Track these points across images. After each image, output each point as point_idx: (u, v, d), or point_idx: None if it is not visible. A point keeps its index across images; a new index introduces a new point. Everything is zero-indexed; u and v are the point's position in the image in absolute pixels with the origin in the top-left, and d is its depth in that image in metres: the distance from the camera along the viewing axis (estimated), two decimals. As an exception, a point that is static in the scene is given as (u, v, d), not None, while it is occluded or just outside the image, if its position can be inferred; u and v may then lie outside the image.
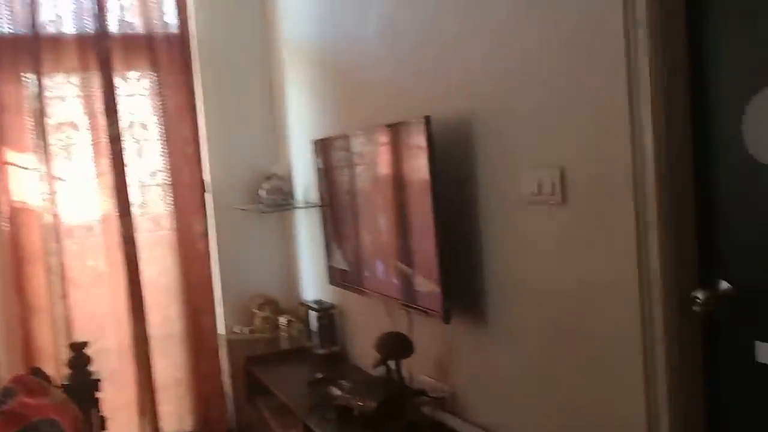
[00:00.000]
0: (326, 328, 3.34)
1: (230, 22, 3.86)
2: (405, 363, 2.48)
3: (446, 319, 2.21)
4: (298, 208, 3.63)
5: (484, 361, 2.24)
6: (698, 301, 1.49)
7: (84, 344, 3.13)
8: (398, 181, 2.38)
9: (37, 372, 3.01)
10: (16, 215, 3.47)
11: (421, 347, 2.48)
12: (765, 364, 1.44)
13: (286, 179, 3.73)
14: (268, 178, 3.79)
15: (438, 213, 2.15)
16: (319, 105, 3.35)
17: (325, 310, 3.34)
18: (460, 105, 2.19)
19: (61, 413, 2.66)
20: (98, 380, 3.07)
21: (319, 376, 3.02)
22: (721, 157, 1.48)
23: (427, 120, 2.13)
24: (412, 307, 2.41)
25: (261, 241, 3.97)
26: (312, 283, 3.70)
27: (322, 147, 3.05)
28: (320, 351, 3.33)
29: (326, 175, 3.06)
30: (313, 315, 3.43)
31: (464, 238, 2.23)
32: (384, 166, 2.49)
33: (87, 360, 3.13)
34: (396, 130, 2.35)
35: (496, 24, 2.00)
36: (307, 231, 3.71)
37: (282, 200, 3.62)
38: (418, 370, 2.55)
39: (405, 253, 2.40)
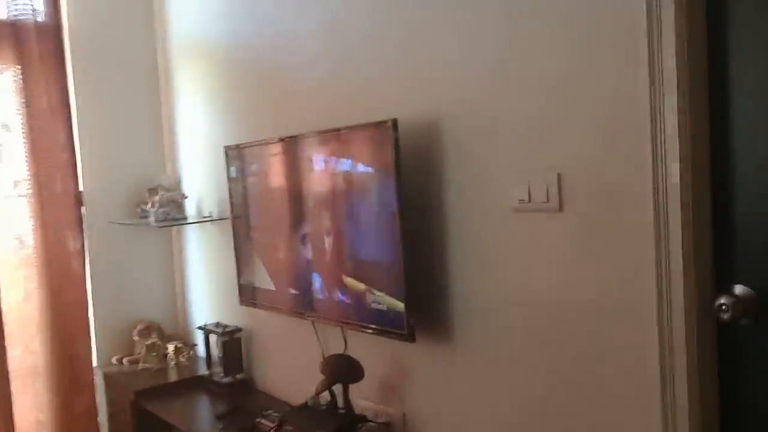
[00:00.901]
0: (231, 354, 3.03)
1: (109, 13, 3.45)
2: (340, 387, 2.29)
3: (410, 338, 2.06)
4: (195, 222, 3.28)
5: (448, 383, 2.11)
6: (724, 308, 1.47)
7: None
8: (351, 189, 2.20)
9: None
10: None
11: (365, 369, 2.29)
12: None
13: (176, 190, 3.37)
14: (153, 189, 3.41)
15: (404, 223, 2.00)
16: (230, 109, 3.06)
17: (230, 334, 3.03)
18: (425, 107, 2.05)
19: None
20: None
21: (226, 408, 2.75)
22: (735, 158, 1.48)
23: (395, 123, 1.98)
24: (363, 327, 2.23)
25: (143, 260, 3.55)
26: (208, 305, 3.37)
27: (239, 154, 2.78)
28: (225, 379, 3.01)
29: (244, 184, 2.78)
30: (214, 340, 3.10)
31: (430, 250, 2.09)
32: (330, 173, 2.29)
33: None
34: (350, 133, 2.17)
35: (472, 15, 1.90)
36: (203, 248, 3.38)
37: (176, 214, 3.26)
38: (356, 394, 2.35)
39: (357, 267, 2.21)
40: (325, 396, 2.30)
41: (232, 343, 3.03)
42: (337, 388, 2.28)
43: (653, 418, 1.57)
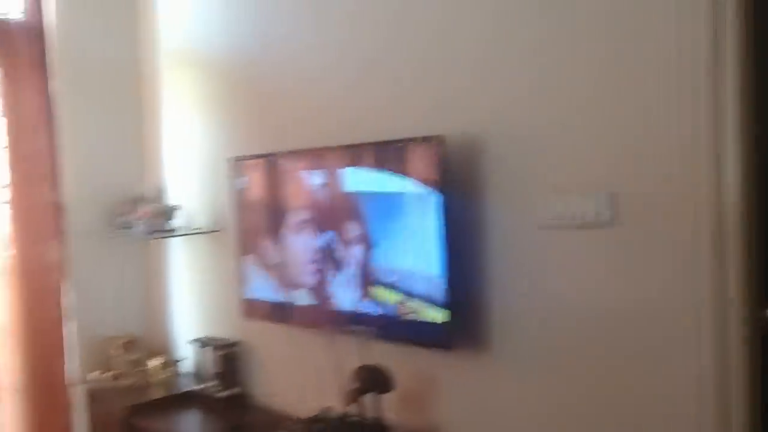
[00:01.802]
0: (229, 368, 2.99)
1: (95, 19, 3.36)
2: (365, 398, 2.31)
3: (448, 348, 2.12)
4: (186, 234, 3.22)
5: (483, 393, 2.17)
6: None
7: None
8: (387, 202, 2.24)
9: None
10: None
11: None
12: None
13: (160, 201, 3.30)
14: (136, 199, 3.33)
15: (446, 235, 2.07)
16: (226, 120, 3.03)
17: (229, 347, 2.99)
18: (465, 120, 2.13)
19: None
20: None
21: (226, 423, 2.73)
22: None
23: (442, 138, 2.06)
24: (391, 337, 2.27)
25: (124, 273, 3.45)
26: (196, 319, 3.30)
27: (249, 166, 2.76)
28: (221, 394, 2.96)
29: (252, 195, 2.76)
30: (209, 354, 3.04)
31: (470, 262, 2.15)
32: (360, 184, 2.32)
33: None
34: (389, 147, 2.22)
35: (513, 24, 2.00)
36: (191, 260, 3.31)
37: (164, 225, 3.18)
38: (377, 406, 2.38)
39: (389, 278, 2.26)
40: (330, 410, 2.32)
41: (230, 356, 2.99)
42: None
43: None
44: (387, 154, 2.24)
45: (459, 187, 2.13)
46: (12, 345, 3.13)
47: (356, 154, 2.34)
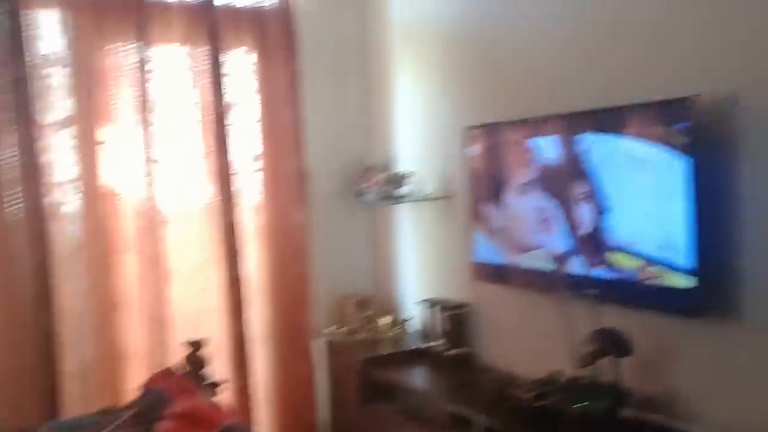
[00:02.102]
0: (457, 328, 3.13)
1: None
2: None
3: (695, 314, 2.07)
4: (416, 201, 3.40)
5: (728, 362, 2.09)
6: None
7: (199, 343, 2.85)
8: (628, 166, 2.22)
9: (170, 372, 2.72)
10: (106, 200, 3.11)
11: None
12: None
13: (393, 170, 3.51)
14: (371, 168, 3.57)
15: (696, 201, 2.02)
16: (460, 89, 3.15)
17: (457, 308, 3.13)
18: (712, 81, 2.04)
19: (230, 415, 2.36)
20: (216, 383, 2.79)
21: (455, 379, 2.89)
22: None
23: (692, 100, 2.00)
24: (628, 303, 2.26)
25: (358, 236, 3.74)
26: (424, 281, 3.48)
27: (485, 133, 2.85)
28: (450, 352, 3.11)
29: (485, 163, 2.85)
30: (437, 314, 3.21)
31: (721, 228, 2.07)
32: (599, 149, 2.32)
33: (202, 361, 2.84)
34: (630, 110, 2.20)
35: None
36: (420, 225, 3.49)
37: (395, 192, 3.39)
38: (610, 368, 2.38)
39: (630, 244, 2.24)
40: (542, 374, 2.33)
41: (457, 317, 3.13)
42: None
43: None
44: (627, 118, 2.21)
45: (709, 149, 2.06)
46: (263, 299, 3.52)
47: (600, 119, 2.33)
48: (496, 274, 2.85)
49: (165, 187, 3.20)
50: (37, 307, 2.90)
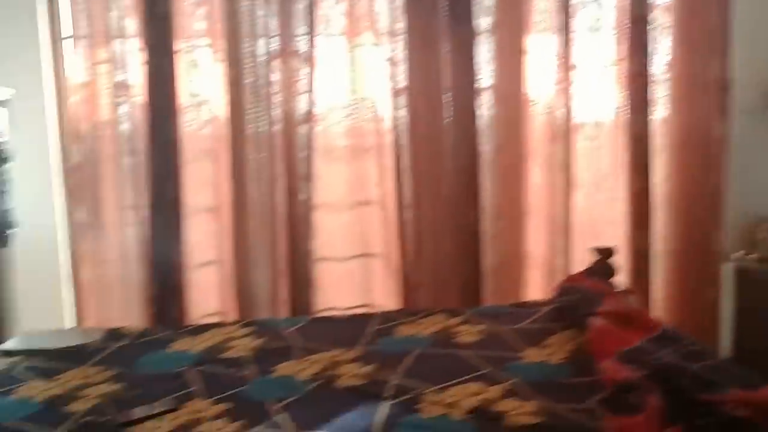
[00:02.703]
0: None
1: None
2: None
3: None
4: None
5: None
6: None
7: (610, 250, 2.80)
8: None
9: (584, 276, 2.73)
10: (522, 107, 3.20)
11: None
12: None
13: None
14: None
15: None
16: None
17: None
18: None
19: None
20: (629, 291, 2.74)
21: None
22: None
23: None
24: None
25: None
26: None
27: None
28: None
29: None
30: None
31: None
32: None
33: (611, 269, 2.80)
34: None
35: None
36: None
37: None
38: None
39: None
40: None
41: None
42: None
43: None
44: None
45: None
46: (669, 215, 3.34)
47: None
48: None
49: (578, 94, 3.18)
50: (462, 204, 3.15)
